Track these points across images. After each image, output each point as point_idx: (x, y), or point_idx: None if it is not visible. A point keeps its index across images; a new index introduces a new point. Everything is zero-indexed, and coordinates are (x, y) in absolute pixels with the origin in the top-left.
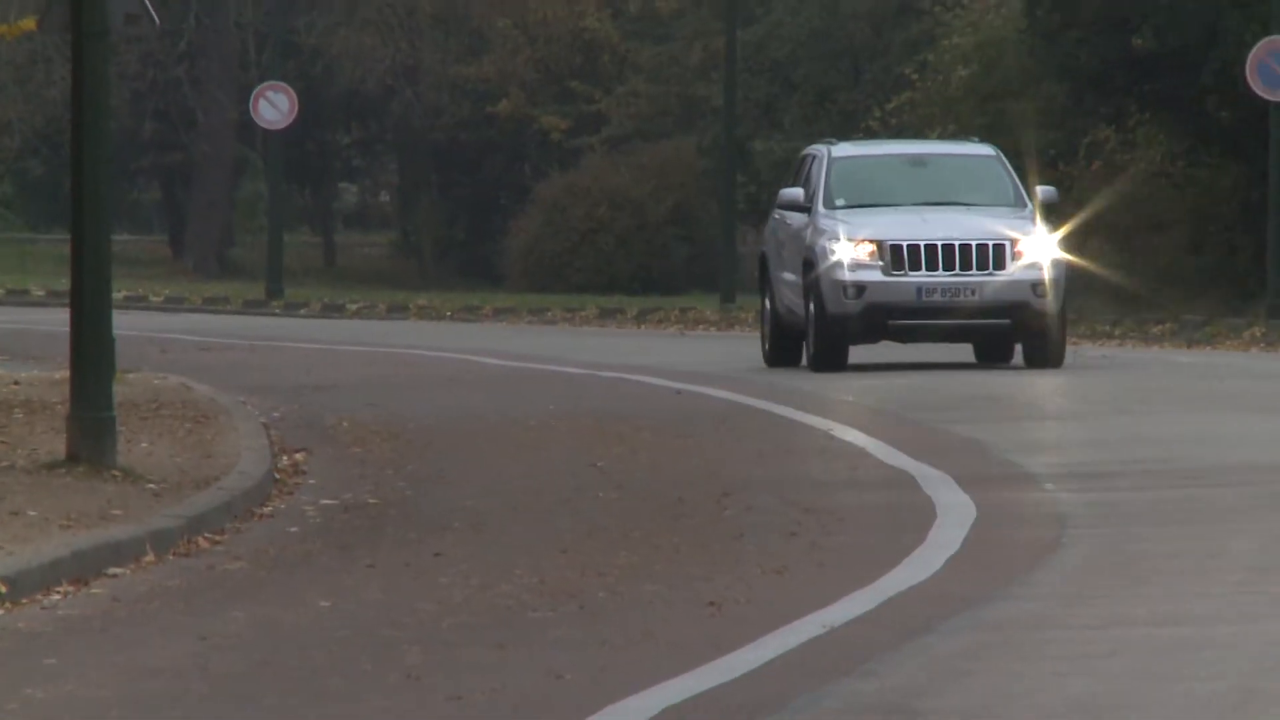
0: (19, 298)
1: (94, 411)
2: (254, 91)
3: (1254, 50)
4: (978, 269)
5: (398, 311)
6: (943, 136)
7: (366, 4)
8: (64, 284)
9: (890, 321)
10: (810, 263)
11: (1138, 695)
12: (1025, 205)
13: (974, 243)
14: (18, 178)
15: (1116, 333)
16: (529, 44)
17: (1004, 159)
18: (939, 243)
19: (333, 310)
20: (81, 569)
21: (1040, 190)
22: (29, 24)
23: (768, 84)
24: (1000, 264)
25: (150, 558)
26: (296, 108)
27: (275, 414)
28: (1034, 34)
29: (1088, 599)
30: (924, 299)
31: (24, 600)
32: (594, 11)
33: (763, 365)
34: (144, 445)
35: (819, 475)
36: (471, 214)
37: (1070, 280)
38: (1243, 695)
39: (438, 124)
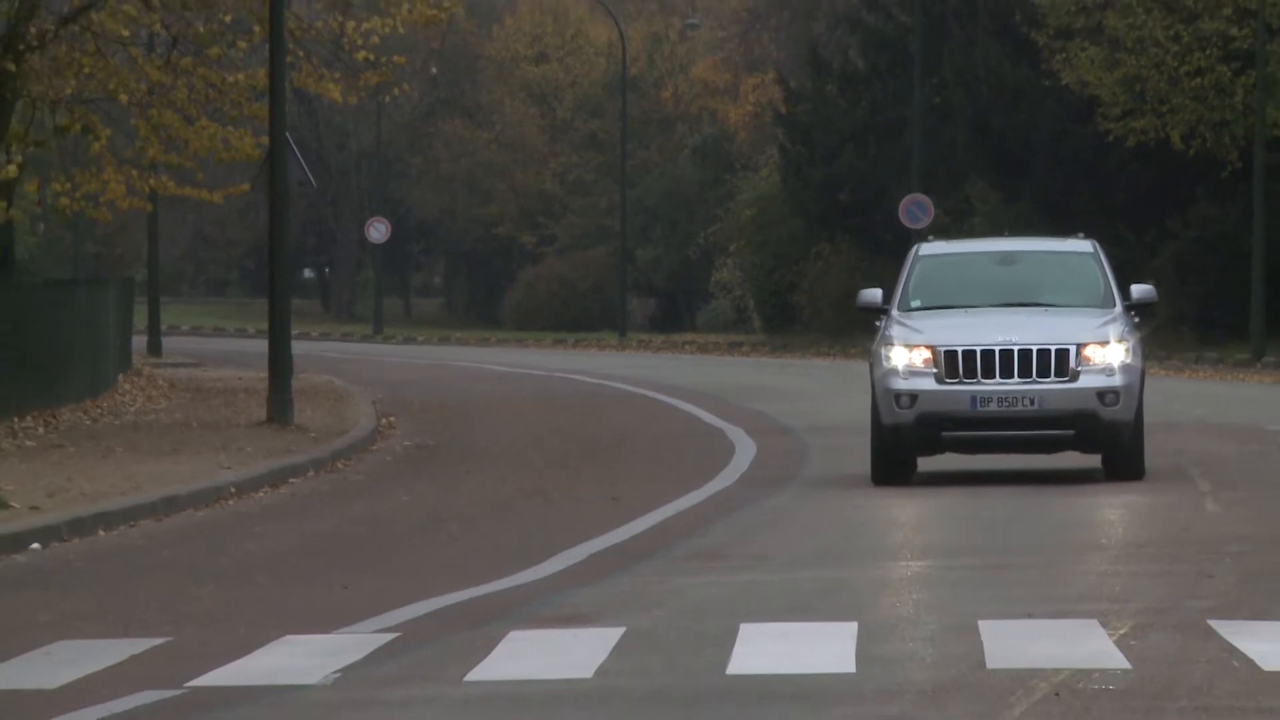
0: (242, 333)
1: (281, 394)
2: (367, 221)
3: (903, 201)
4: (1038, 376)
5: (445, 341)
6: (736, 252)
7: (427, 175)
8: (265, 325)
9: (944, 433)
10: (872, 369)
11: (846, 546)
12: (1114, 305)
13: (1035, 348)
14: (242, 268)
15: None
16: (514, 196)
17: (1102, 255)
18: (996, 348)
19: (409, 341)
20: (275, 479)
21: (1135, 290)
22: (246, 187)
23: (643, 218)
24: (1063, 371)
25: (311, 474)
26: (390, 230)
27: (379, 396)
28: (786, 191)
29: (814, 496)
30: (979, 409)
31: (245, 496)
32: (550, 179)
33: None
34: (308, 412)
35: (673, 430)
36: (485, 288)
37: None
38: (911, 542)
39: (465, 239)
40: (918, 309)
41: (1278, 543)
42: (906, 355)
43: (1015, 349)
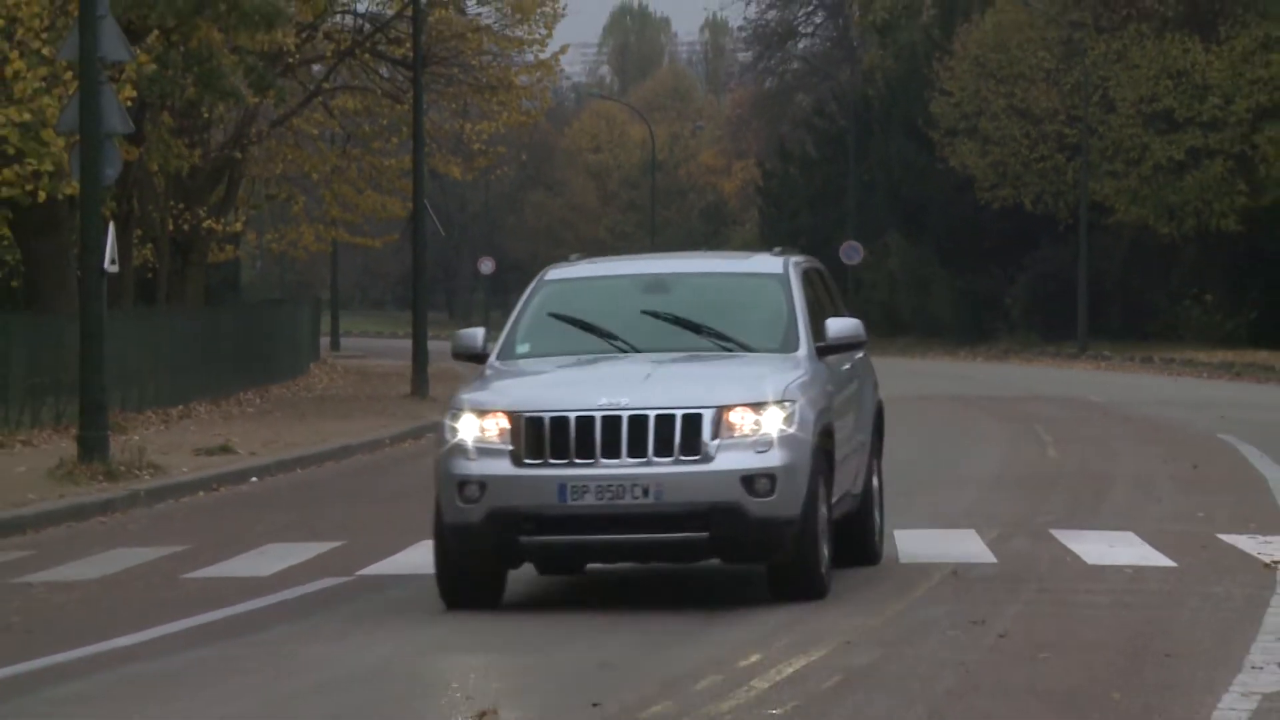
0: (394, 336)
1: (421, 376)
2: (479, 259)
3: (842, 245)
4: (657, 454)
5: None
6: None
7: (519, 228)
8: (410, 329)
9: (522, 537)
10: (437, 447)
11: None
12: (798, 348)
13: (652, 413)
14: (394, 291)
15: None
16: (579, 243)
17: (795, 279)
18: (598, 414)
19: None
20: (416, 434)
21: (832, 326)
22: (395, 236)
23: None
24: (693, 446)
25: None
26: (494, 265)
27: None
28: (763, 239)
29: None
30: (570, 502)
31: (396, 445)
32: (602, 230)
33: None
34: (438, 389)
35: None
36: None
37: None
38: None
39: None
40: (525, 356)
41: (1095, 476)
42: (477, 426)
43: (624, 415)
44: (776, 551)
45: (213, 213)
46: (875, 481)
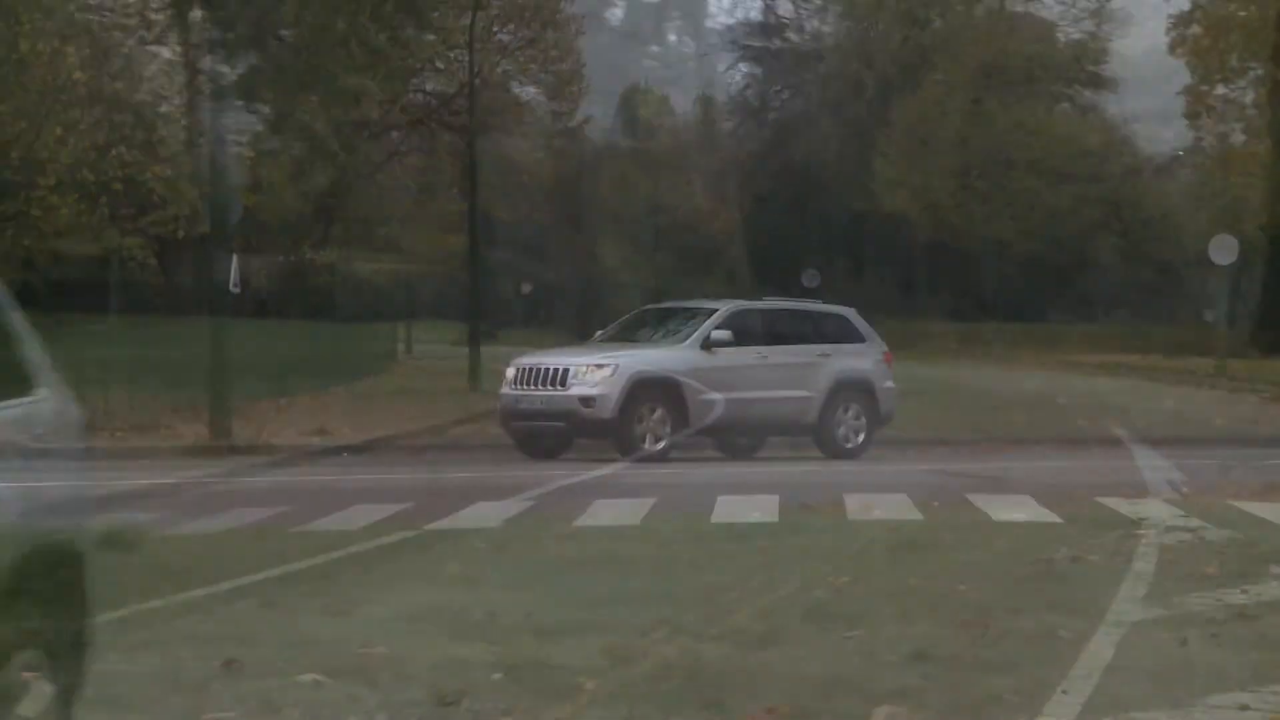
0: (458, 343)
1: (475, 374)
2: (521, 284)
3: (803, 272)
4: None
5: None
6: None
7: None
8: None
9: None
10: None
11: (775, 454)
12: None
13: None
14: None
15: None
16: (599, 270)
17: None
18: None
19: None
20: (470, 420)
21: None
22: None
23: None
24: None
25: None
26: (532, 287)
27: None
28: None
29: None
30: None
31: (455, 428)
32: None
33: None
34: (490, 383)
35: None
36: (582, 318)
37: None
38: (810, 450)
39: (571, 290)
40: None
41: (1000, 452)
42: None
43: None
44: None
45: (313, 247)
46: None
